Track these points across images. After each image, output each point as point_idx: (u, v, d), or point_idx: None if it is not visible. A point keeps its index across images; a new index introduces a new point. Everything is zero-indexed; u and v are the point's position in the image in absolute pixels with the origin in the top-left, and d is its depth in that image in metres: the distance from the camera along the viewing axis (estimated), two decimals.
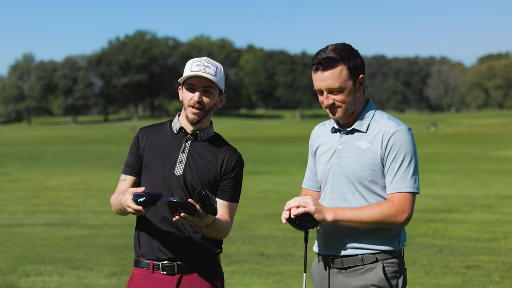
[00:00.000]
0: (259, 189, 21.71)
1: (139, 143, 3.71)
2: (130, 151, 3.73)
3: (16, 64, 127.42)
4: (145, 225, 3.65)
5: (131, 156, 3.72)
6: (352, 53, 3.41)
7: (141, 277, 3.65)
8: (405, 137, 3.39)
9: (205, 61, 3.61)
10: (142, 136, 3.72)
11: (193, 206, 3.34)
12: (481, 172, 27.76)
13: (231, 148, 3.71)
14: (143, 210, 3.35)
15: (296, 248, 11.33)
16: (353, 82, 3.40)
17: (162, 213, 3.58)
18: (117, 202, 3.57)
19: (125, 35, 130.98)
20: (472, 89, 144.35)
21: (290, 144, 51.89)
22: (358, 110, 3.48)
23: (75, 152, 44.67)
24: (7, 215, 16.04)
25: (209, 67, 3.59)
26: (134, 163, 3.70)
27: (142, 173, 3.68)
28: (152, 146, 3.68)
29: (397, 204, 3.34)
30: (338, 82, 3.37)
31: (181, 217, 3.33)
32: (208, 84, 3.60)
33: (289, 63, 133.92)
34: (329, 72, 3.37)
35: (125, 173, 3.72)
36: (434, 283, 8.71)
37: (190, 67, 3.60)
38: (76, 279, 8.99)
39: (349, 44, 3.45)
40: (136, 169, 3.70)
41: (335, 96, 3.39)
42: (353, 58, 3.40)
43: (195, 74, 3.56)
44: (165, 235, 3.59)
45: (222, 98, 3.71)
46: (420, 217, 14.65)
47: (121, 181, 3.72)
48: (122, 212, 3.56)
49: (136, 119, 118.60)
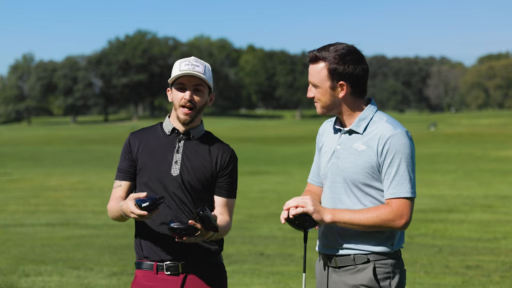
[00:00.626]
0: (259, 189, 21.72)
1: (131, 148, 3.69)
2: (123, 156, 3.71)
3: (16, 64, 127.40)
4: (146, 229, 3.65)
5: (124, 162, 3.70)
6: (343, 60, 3.39)
7: (144, 278, 3.64)
8: (401, 141, 3.37)
9: (193, 60, 3.64)
10: (134, 141, 3.70)
11: (194, 228, 3.38)
12: (481, 172, 27.76)
13: (223, 145, 3.72)
14: (147, 215, 3.36)
15: (296, 248, 11.33)
16: (331, 84, 3.42)
17: (162, 216, 3.58)
18: (116, 208, 3.56)
19: (125, 35, 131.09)
20: (472, 89, 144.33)
21: (290, 144, 51.89)
22: (353, 111, 3.48)
23: (75, 152, 44.68)
24: (7, 215, 16.05)
25: (198, 66, 3.61)
26: (128, 168, 3.69)
27: (138, 177, 3.67)
28: (146, 149, 3.67)
29: (395, 209, 3.34)
30: (316, 78, 3.44)
31: (184, 240, 3.40)
32: (199, 83, 3.62)
33: (289, 63, 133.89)
34: (312, 66, 3.46)
35: (119, 178, 3.70)
36: (434, 283, 8.71)
37: (178, 67, 3.61)
38: (76, 279, 8.99)
39: (352, 51, 3.43)
40: (131, 173, 3.68)
41: (315, 91, 3.47)
42: (338, 64, 3.39)
43: (186, 73, 3.57)
44: (167, 236, 3.58)
45: (212, 97, 3.72)
46: (420, 217, 14.66)
47: (115, 187, 3.70)
48: (121, 218, 3.57)
49: (136, 119, 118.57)
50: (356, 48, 3.45)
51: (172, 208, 3.59)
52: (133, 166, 3.68)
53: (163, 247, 3.60)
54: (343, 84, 3.42)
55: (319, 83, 3.44)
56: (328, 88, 3.43)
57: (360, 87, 3.46)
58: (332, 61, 3.39)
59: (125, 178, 3.69)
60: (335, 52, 3.40)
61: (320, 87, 3.44)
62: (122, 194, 3.66)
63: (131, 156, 3.68)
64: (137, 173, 3.67)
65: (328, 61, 3.40)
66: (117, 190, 3.68)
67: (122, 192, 3.67)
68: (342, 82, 3.41)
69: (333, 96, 3.44)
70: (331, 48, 3.41)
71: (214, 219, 3.40)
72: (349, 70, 3.40)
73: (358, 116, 3.47)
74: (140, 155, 3.66)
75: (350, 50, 3.42)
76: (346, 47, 3.43)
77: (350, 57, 3.41)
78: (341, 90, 3.43)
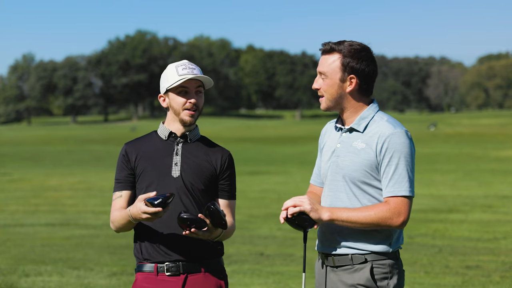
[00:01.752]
0: (259, 189, 21.73)
1: (128, 157, 3.68)
2: (120, 167, 3.69)
3: (16, 64, 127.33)
4: (145, 232, 3.64)
5: (122, 172, 3.68)
6: (357, 54, 3.44)
7: (145, 281, 3.62)
8: (401, 140, 3.39)
9: (188, 63, 3.66)
10: (130, 150, 3.69)
11: (204, 222, 3.39)
12: (481, 172, 27.76)
13: (221, 148, 3.75)
14: (161, 211, 3.35)
15: (296, 248, 11.33)
16: (341, 76, 3.44)
17: (163, 217, 3.55)
18: (123, 215, 3.54)
19: (125, 35, 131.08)
20: (472, 89, 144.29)
21: (290, 144, 51.89)
22: (355, 109, 3.49)
23: (75, 152, 44.69)
24: (7, 215, 16.05)
25: (195, 69, 3.64)
26: (127, 177, 3.67)
27: (138, 183, 3.65)
28: (144, 156, 3.66)
29: (393, 207, 3.35)
30: (328, 68, 3.46)
31: (191, 232, 3.39)
32: (199, 85, 3.65)
33: (289, 63, 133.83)
34: (325, 57, 3.49)
35: (119, 189, 3.68)
36: (434, 283, 8.71)
37: (176, 72, 3.62)
38: (76, 279, 8.99)
39: (366, 49, 3.48)
40: (130, 182, 3.67)
41: (322, 81, 3.48)
42: (352, 58, 3.43)
43: (191, 77, 3.59)
44: (167, 238, 3.58)
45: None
46: (420, 217, 14.65)
47: (116, 198, 3.67)
48: (128, 225, 3.55)
49: (136, 119, 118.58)
50: (370, 48, 3.51)
51: (174, 209, 3.58)
52: (132, 175, 3.67)
53: (163, 249, 3.59)
54: (353, 78, 3.45)
55: (330, 74, 3.46)
56: (338, 79, 3.45)
57: (368, 85, 3.49)
58: (347, 54, 3.44)
59: (125, 187, 3.67)
60: (350, 47, 3.45)
61: (330, 77, 3.46)
62: (124, 204, 3.64)
63: (129, 165, 3.66)
64: (136, 180, 3.66)
65: (343, 53, 3.44)
66: (118, 201, 3.65)
67: (123, 202, 3.65)
68: (352, 76, 3.44)
69: (341, 88, 3.46)
70: (347, 43, 3.47)
71: (224, 214, 3.42)
72: (361, 66, 3.44)
73: (359, 114, 3.49)
74: (139, 162, 3.65)
75: (365, 48, 3.48)
76: (362, 44, 3.49)
77: (364, 54, 3.46)
78: (350, 84, 3.46)
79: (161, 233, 3.60)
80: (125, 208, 3.60)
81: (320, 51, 3.53)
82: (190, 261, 3.60)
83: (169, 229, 3.59)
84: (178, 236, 3.58)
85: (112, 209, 3.67)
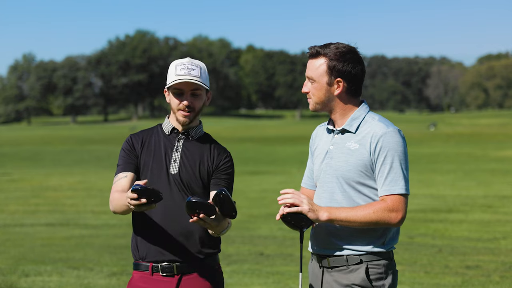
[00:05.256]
0: (259, 189, 21.72)
1: (134, 145, 3.67)
2: (125, 153, 3.66)
3: (16, 64, 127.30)
4: (143, 228, 3.64)
5: (128, 156, 3.64)
6: (343, 57, 3.46)
7: (140, 280, 3.63)
8: (394, 138, 3.41)
9: (189, 63, 3.62)
10: (136, 139, 3.69)
11: (213, 208, 3.29)
12: (481, 172, 27.75)
13: (221, 147, 3.75)
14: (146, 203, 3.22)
15: (295, 248, 11.33)
16: (328, 80, 3.46)
17: (159, 215, 3.58)
18: (122, 198, 3.46)
19: (125, 35, 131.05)
20: (472, 89, 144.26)
21: (290, 144, 51.89)
22: (344, 111, 3.51)
23: (75, 152, 44.68)
24: (7, 215, 16.04)
25: (194, 69, 3.60)
26: (133, 160, 3.64)
27: (140, 176, 3.65)
28: (147, 148, 3.67)
29: (391, 205, 3.38)
30: (314, 73, 3.49)
31: (200, 218, 3.30)
32: (195, 87, 3.62)
33: (289, 63, 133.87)
34: (312, 61, 3.52)
35: (124, 170, 3.62)
36: (434, 283, 8.71)
37: (174, 71, 3.61)
38: (76, 279, 8.99)
39: (352, 51, 3.49)
40: (135, 165, 3.64)
41: (311, 85, 3.52)
42: (338, 61, 3.45)
43: (182, 80, 3.57)
44: (163, 237, 3.58)
45: (209, 96, 3.72)
46: (420, 217, 14.65)
47: (120, 178, 3.60)
48: (125, 209, 3.47)
49: (136, 119, 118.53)
50: (356, 49, 3.51)
51: (170, 207, 3.58)
52: (137, 158, 3.65)
53: (159, 248, 3.59)
54: (340, 81, 3.47)
55: (317, 78, 3.49)
56: (325, 83, 3.48)
57: (356, 87, 3.51)
58: (332, 57, 3.46)
59: (131, 169, 3.62)
60: (336, 50, 3.46)
61: (317, 81, 3.49)
62: (127, 185, 3.57)
63: (135, 152, 3.66)
64: (139, 171, 3.65)
65: (329, 57, 3.46)
66: (122, 181, 3.59)
67: (127, 182, 3.58)
68: (339, 79, 3.47)
69: (328, 92, 3.49)
70: (332, 46, 3.48)
71: (234, 201, 3.35)
72: (347, 68, 3.46)
73: (350, 115, 3.51)
74: (143, 153, 3.66)
75: (350, 49, 3.49)
76: (347, 46, 3.49)
77: (350, 56, 3.47)
78: (337, 87, 3.49)
79: (158, 232, 3.59)
80: (127, 191, 3.52)
81: (307, 55, 3.55)
82: (185, 261, 3.59)
83: (166, 229, 3.58)
84: (174, 237, 3.58)
85: (113, 189, 3.59)
